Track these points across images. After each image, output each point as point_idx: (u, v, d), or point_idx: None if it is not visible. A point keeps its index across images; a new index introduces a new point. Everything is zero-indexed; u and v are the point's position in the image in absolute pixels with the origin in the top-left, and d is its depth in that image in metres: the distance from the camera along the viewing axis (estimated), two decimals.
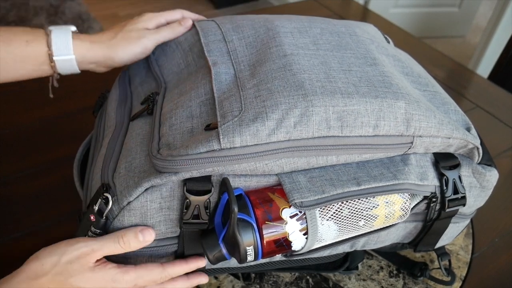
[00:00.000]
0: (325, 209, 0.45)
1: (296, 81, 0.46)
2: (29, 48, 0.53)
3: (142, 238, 0.44)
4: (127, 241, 0.43)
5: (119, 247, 0.43)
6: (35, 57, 0.54)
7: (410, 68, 0.55)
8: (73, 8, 2.49)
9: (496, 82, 1.08)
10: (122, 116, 0.54)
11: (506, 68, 1.23)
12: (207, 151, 0.42)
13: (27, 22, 2.32)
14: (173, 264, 0.47)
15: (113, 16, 2.53)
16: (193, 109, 0.47)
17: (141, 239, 0.44)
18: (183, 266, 0.47)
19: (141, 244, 0.44)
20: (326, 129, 0.44)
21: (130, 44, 0.56)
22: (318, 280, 0.59)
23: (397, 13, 2.46)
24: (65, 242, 0.43)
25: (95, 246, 0.43)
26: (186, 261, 0.48)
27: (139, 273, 0.45)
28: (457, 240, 0.66)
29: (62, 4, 2.50)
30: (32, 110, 0.80)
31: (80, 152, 0.59)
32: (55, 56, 0.54)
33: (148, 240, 0.44)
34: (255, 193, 0.45)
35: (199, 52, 0.54)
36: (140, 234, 0.44)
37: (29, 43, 0.53)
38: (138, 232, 0.44)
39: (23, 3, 2.47)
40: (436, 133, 0.47)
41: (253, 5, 2.79)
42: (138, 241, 0.44)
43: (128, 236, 0.44)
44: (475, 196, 0.53)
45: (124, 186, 0.44)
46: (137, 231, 0.44)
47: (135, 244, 0.44)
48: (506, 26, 1.98)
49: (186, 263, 0.48)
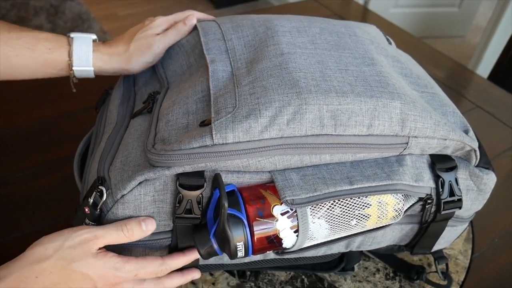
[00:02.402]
0: (317, 207, 0.45)
1: (291, 79, 0.46)
2: (51, 56, 0.55)
3: (145, 228, 0.45)
4: (130, 229, 0.44)
5: (122, 235, 0.44)
6: (56, 64, 0.56)
7: (409, 69, 0.55)
8: (73, 8, 2.50)
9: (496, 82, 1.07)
10: (124, 114, 0.55)
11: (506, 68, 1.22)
12: (200, 147, 0.42)
13: (27, 22, 2.34)
14: (172, 256, 0.48)
15: (113, 16, 2.54)
16: (189, 106, 0.47)
17: (144, 228, 0.45)
18: (181, 258, 0.48)
19: (144, 233, 0.45)
20: (319, 127, 0.44)
21: (143, 54, 0.58)
22: (313, 280, 0.59)
23: (397, 13, 2.45)
24: (69, 229, 0.44)
25: (98, 233, 0.43)
26: (184, 253, 0.49)
27: (141, 264, 0.46)
28: (456, 244, 0.65)
29: (62, 4, 2.52)
30: (32, 110, 0.81)
31: (81, 147, 0.60)
32: (75, 66, 0.56)
33: (151, 229, 0.45)
34: (248, 190, 0.45)
35: (200, 53, 0.54)
36: (143, 223, 0.45)
37: (52, 51, 0.55)
38: (141, 221, 0.45)
39: (23, 3, 2.49)
40: (432, 134, 0.47)
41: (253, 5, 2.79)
42: (141, 230, 0.45)
43: (132, 225, 0.44)
44: (472, 199, 0.53)
45: (118, 179, 0.45)
46: (139, 220, 0.45)
47: (139, 233, 0.45)
48: (506, 26, 1.96)
49: (184, 255, 0.48)
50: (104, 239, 0.44)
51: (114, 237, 0.44)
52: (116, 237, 0.44)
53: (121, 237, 0.44)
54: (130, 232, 0.44)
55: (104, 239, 0.44)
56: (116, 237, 0.44)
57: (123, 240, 0.44)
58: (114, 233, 0.44)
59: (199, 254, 0.46)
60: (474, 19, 2.67)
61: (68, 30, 2.27)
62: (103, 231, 0.44)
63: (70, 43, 0.56)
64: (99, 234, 0.43)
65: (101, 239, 0.43)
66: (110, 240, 0.44)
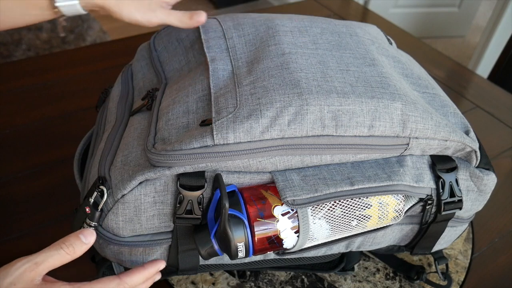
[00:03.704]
0: (317, 208, 0.45)
1: (292, 80, 0.46)
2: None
3: (84, 239, 0.41)
4: (69, 245, 0.41)
5: (63, 253, 0.41)
6: (37, 3, 0.53)
7: (410, 70, 0.55)
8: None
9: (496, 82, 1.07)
10: (123, 111, 0.54)
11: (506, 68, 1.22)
12: (201, 147, 0.42)
13: None
14: (130, 273, 0.44)
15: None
16: (189, 105, 0.47)
17: (83, 240, 0.41)
18: (141, 272, 0.44)
19: (86, 245, 0.42)
20: (320, 128, 0.44)
21: (138, 10, 0.54)
22: (313, 280, 0.59)
23: (397, 13, 2.46)
24: (5, 266, 0.40)
25: (38, 259, 0.40)
26: (144, 266, 0.45)
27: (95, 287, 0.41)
28: (456, 244, 0.65)
29: None
30: (32, 110, 0.81)
31: (81, 147, 0.60)
32: (57, 2, 0.53)
33: (91, 241, 0.42)
34: (248, 190, 0.45)
35: (200, 49, 0.54)
36: (82, 236, 0.42)
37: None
38: (79, 234, 0.42)
39: None
40: (432, 135, 0.47)
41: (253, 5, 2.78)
42: (82, 242, 0.41)
43: (70, 240, 0.41)
44: (472, 200, 0.53)
45: (119, 179, 0.45)
46: (77, 234, 0.42)
47: (79, 246, 0.41)
48: (506, 26, 1.97)
49: (143, 268, 0.45)
50: (46, 264, 0.40)
51: (56, 258, 0.40)
52: (58, 258, 0.40)
53: (63, 255, 0.41)
54: (70, 248, 0.41)
55: (46, 264, 0.40)
56: (58, 258, 0.40)
57: (66, 258, 0.41)
58: (54, 254, 0.40)
59: (200, 255, 0.46)
60: (474, 19, 2.67)
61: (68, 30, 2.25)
62: (42, 256, 0.40)
63: None
64: (39, 260, 0.40)
65: (42, 265, 0.40)
66: (53, 263, 0.40)
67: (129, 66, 0.63)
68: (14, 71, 0.87)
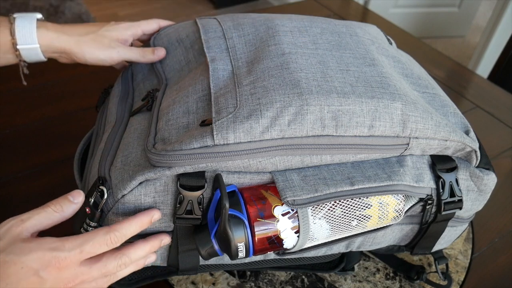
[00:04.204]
0: (318, 208, 0.45)
1: (292, 80, 0.46)
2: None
3: (72, 199, 0.42)
4: (57, 203, 0.41)
5: (50, 210, 0.41)
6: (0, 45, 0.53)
7: (410, 70, 0.55)
8: (73, 8, 2.48)
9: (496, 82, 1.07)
10: (123, 112, 0.54)
11: (506, 68, 1.22)
12: (201, 147, 0.42)
13: None
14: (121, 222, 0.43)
15: (113, 16, 2.53)
16: (189, 105, 0.47)
17: (71, 199, 0.42)
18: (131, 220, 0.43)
19: (74, 205, 0.42)
20: (320, 128, 0.44)
21: (99, 49, 0.56)
22: (313, 280, 0.59)
23: (397, 13, 2.46)
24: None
25: (24, 216, 0.40)
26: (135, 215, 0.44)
27: (83, 238, 0.41)
28: (456, 244, 0.65)
29: (62, 4, 2.50)
30: (32, 110, 0.81)
31: (81, 147, 0.60)
32: (19, 45, 0.54)
33: (79, 201, 0.42)
34: (249, 190, 0.45)
35: (200, 49, 0.54)
36: (70, 196, 0.42)
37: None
38: (67, 195, 0.42)
39: (23, 3, 2.46)
40: (433, 135, 0.47)
41: (253, 5, 2.78)
42: (70, 201, 0.42)
43: (58, 200, 0.42)
44: (473, 200, 0.53)
45: (119, 179, 0.45)
46: (65, 195, 0.42)
47: (67, 206, 0.42)
48: (506, 26, 1.97)
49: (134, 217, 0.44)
50: (32, 221, 0.40)
51: (43, 215, 0.41)
52: (45, 215, 0.41)
53: (50, 213, 0.41)
54: (57, 206, 0.41)
55: (31, 221, 0.40)
56: (45, 215, 0.41)
57: (55, 216, 0.41)
58: (41, 212, 0.41)
59: (200, 255, 0.46)
60: (474, 19, 2.67)
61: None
62: (28, 213, 0.40)
63: (12, 22, 0.54)
64: (25, 217, 0.40)
65: (28, 222, 0.40)
66: (40, 221, 0.41)
67: (129, 66, 0.63)
68: (14, 71, 0.87)
